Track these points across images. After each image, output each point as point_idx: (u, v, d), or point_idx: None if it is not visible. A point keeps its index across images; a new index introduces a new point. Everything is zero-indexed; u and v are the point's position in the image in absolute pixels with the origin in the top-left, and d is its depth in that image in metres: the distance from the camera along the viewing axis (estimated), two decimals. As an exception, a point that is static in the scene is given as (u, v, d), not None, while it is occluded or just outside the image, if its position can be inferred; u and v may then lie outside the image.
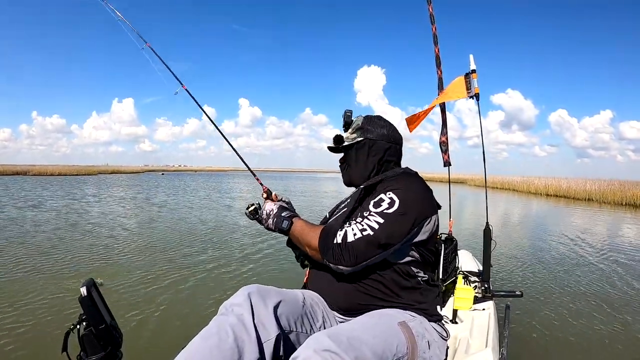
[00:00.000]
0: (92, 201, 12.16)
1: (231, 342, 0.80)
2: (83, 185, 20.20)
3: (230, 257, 5.59)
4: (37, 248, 5.61)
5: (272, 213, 1.16)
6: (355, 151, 1.19)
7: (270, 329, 0.86)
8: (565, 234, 6.22)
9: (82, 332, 0.85)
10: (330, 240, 1.00)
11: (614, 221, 9.36)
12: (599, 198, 15.53)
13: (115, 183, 23.45)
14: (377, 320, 0.93)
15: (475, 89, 2.83)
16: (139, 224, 7.86)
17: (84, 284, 0.85)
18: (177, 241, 7.06)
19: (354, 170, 1.20)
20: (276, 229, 1.15)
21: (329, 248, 0.99)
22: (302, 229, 1.11)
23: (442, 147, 2.95)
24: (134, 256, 5.81)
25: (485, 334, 1.37)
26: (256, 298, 0.90)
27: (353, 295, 1.04)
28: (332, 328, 0.89)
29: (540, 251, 4.59)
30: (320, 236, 1.03)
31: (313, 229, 1.09)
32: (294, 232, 1.12)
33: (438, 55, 1.95)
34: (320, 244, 1.02)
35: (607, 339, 2.12)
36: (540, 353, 2.03)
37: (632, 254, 4.20)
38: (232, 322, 0.84)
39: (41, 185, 19.49)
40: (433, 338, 1.01)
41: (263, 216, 1.18)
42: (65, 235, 6.54)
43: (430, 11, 1.45)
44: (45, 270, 5.30)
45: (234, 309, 0.87)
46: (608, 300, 2.74)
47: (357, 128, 1.20)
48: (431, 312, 1.08)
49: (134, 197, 14.05)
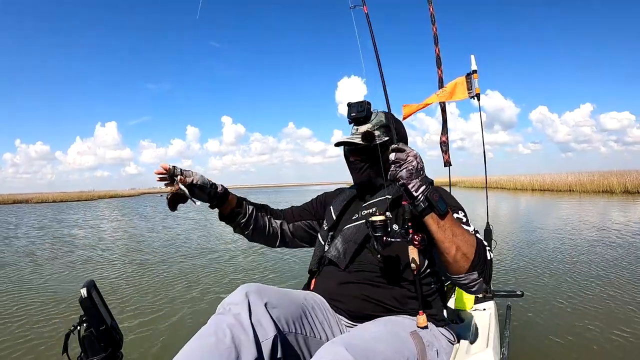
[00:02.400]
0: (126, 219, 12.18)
1: (228, 341, 0.78)
2: (96, 209, 20.29)
3: (231, 258, 5.59)
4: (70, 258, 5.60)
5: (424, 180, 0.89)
6: (378, 152, 1.08)
7: (268, 329, 0.84)
8: (560, 228, 6.24)
9: (83, 334, 0.85)
10: (486, 253, 0.92)
11: (595, 207, 10.55)
12: (579, 189, 18.24)
13: (127, 206, 22.94)
14: (390, 330, 0.91)
15: (476, 89, 2.83)
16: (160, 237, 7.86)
17: (84, 285, 0.84)
18: (182, 245, 7.05)
19: (376, 171, 1.10)
20: (424, 202, 0.86)
21: (485, 264, 0.90)
22: (453, 222, 0.90)
23: (443, 147, 2.95)
24: (136, 258, 5.83)
25: (486, 335, 1.36)
26: (254, 297, 0.88)
27: (366, 301, 1.03)
28: (346, 337, 0.85)
29: (539, 250, 4.59)
30: (478, 243, 0.90)
31: (462, 226, 0.92)
32: (448, 219, 0.88)
33: (438, 55, 1.95)
34: (479, 251, 0.89)
35: (609, 339, 2.12)
36: (541, 353, 2.03)
37: (627, 246, 4.22)
38: (229, 322, 0.82)
39: (60, 210, 20.13)
40: (442, 345, 1.00)
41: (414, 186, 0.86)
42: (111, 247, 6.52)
43: (431, 11, 1.44)
44: (49, 274, 5.30)
45: (231, 308, 0.85)
46: (609, 300, 2.74)
47: (381, 125, 1.13)
48: (439, 317, 1.07)
49: (157, 214, 14.32)
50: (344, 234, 1.14)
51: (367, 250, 1.09)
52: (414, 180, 0.86)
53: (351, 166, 1.18)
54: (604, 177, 17.78)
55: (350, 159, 1.18)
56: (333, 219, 1.22)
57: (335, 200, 1.29)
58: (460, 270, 0.89)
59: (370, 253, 1.08)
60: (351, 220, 1.16)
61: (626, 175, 16.82)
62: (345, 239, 1.12)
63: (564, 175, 20.88)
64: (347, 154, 1.19)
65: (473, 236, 0.91)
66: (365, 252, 1.09)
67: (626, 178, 16.34)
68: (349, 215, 1.20)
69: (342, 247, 1.11)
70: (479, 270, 0.89)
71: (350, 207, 1.24)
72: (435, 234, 0.87)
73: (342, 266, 1.08)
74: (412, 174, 0.86)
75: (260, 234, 1.27)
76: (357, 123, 1.14)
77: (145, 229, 10.15)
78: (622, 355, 1.96)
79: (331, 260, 1.12)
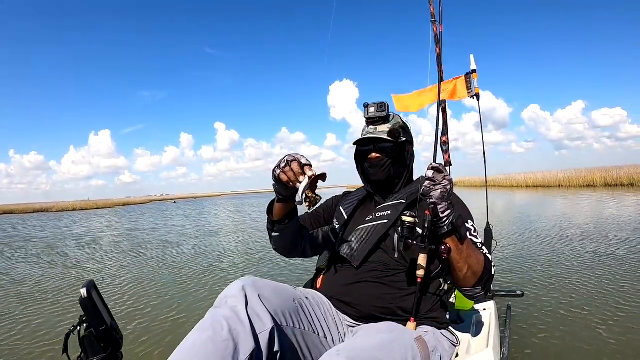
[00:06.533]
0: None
1: (225, 334, 0.77)
2: (137, 214, 20.48)
3: (231, 257, 5.59)
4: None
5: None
6: (399, 151, 1.15)
7: (265, 321, 0.83)
8: (558, 225, 6.26)
9: (83, 334, 0.84)
10: (491, 269, 1.00)
11: (584, 201, 11.64)
12: (566, 184, 21.07)
13: (148, 212, 22.46)
14: (395, 337, 0.90)
15: (476, 89, 2.83)
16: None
17: (84, 286, 0.84)
18: (185, 246, 7.05)
19: (396, 170, 1.16)
20: (448, 226, 0.92)
21: (489, 280, 0.99)
22: (469, 245, 0.97)
23: (443, 147, 2.95)
24: (136, 258, 5.82)
25: (486, 334, 1.36)
26: (251, 290, 0.87)
27: (374, 300, 1.03)
28: (348, 347, 0.84)
29: (539, 249, 4.59)
30: (486, 261, 0.99)
31: (475, 248, 0.99)
32: (466, 243, 0.95)
33: (439, 55, 1.94)
34: (487, 269, 0.99)
35: (609, 339, 2.12)
36: (541, 353, 2.03)
37: (625, 242, 4.22)
38: (225, 314, 0.81)
39: (95, 216, 20.89)
40: (445, 348, 1.00)
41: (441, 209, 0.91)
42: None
43: (432, 11, 1.44)
44: (49, 274, 5.29)
45: (227, 301, 0.85)
46: (609, 299, 2.74)
47: (400, 126, 1.16)
48: (442, 320, 1.07)
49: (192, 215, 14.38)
50: (357, 234, 1.14)
51: (382, 251, 1.09)
52: (444, 203, 0.91)
53: (372, 164, 1.17)
54: (590, 173, 20.53)
55: (371, 157, 1.17)
56: (344, 218, 1.23)
57: (345, 201, 1.30)
58: (467, 285, 0.98)
59: (384, 253, 1.09)
60: (365, 221, 1.17)
61: (609, 171, 19.58)
62: (359, 239, 1.13)
63: (554, 173, 23.88)
64: (365, 153, 1.19)
65: (482, 255, 0.99)
66: (379, 252, 1.09)
67: (607, 174, 19.20)
68: (362, 216, 1.20)
69: (356, 246, 1.12)
70: (482, 285, 0.98)
71: (362, 209, 1.24)
72: (452, 253, 0.94)
73: (356, 264, 1.09)
74: (444, 197, 0.90)
75: (291, 242, 1.21)
76: (375, 123, 1.15)
77: (146, 229, 10.14)
78: (622, 355, 1.96)
79: (343, 259, 1.12)
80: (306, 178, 0.90)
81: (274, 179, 0.96)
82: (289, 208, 1.06)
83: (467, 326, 1.44)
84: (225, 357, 0.74)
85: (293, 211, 1.09)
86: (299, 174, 0.92)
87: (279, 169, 0.94)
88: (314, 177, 0.91)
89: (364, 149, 1.19)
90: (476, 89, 2.82)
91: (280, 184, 0.96)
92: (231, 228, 9.87)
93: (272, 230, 1.13)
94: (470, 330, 1.39)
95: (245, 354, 0.77)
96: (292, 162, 0.92)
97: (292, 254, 1.24)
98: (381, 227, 1.11)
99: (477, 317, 1.55)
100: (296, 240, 1.18)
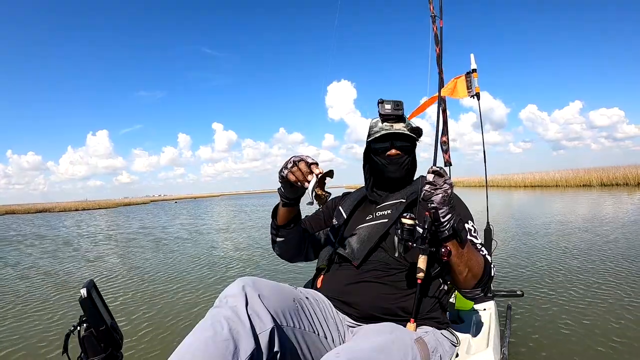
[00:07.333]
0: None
1: (226, 333, 0.77)
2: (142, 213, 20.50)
3: (230, 257, 5.59)
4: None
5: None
6: (412, 150, 1.17)
7: (265, 320, 0.83)
8: (559, 225, 6.25)
9: (83, 334, 0.84)
10: (491, 271, 1.02)
11: (581, 199, 12.13)
12: (563, 183, 22.01)
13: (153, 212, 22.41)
14: (394, 338, 0.90)
15: (476, 89, 2.83)
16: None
17: (84, 285, 0.84)
18: (188, 245, 7.06)
19: (411, 168, 1.19)
20: (449, 230, 0.92)
21: (488, 281, 1.02)
22: (470, 248, 0.98)
23: (443, 147, 2.95)
24: (136, 258, 5.82)
25: (487, 334, 1.36)
26: (251, 289, 0.87)
27: (374, 300, 1.03)
28: (348, 349, 0.84)
29: (539, 249, 4.59)
30: (485, 263, 1.00)
31: (475, 250, 1.01)
32: (467, 246, 0.95)
33: (439, 55, 1.93)
34: (486, 271, 1.01)
35: (609, 339, 2.12)
36: (541, 353, 2.03)
37: (625, 242, 4.21)
38: (225, 314, 0.81)
39: (109, 215, 21.46)
40: (445, 349, 1.00)
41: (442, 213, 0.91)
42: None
43: (432, 11, 1.44)
44: (49, 274, 5.29)
45: (228, 301, 0.85)
46: (609, 299, 2.74)
47: (413, 128, 1.17)
48: (442, 320, 1.07)
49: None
50: (357, 234, 1.14)
51: (382, 250, 1.09)
52: (445, 207, 0.91)
53: (392, 160, 1.16)
54: (587, 173, 21.55)
55: (390, 154, 1.16)
56: (344, 217, 1.23)
57: (344, 201, 1.30)
58: (467, 286, 1.00)
59: (385, 252, 1.08)
60: (365, 221, 1.17)
61: (605, 171, 20.41)
62: (360, 238, 1.12)
63: (551, 173, 25.00)
64: (382, 149, 1.17)
65: (482, 257, 1.00)
66: (379, 252, 1.09)
67: (603, 174, 19.94)
68: (362, 216, 1.20)
69: (356, 245, 1.11)
70: (482, 286, 1.00)
71: (362, 208, 1.24)
72: (452, 257, 0.94)
73: (356, 263, 1.08)
74: (445, 201, 0.90)
75: (296, 247, 1.22)
76: (391, 120, 1.14)
77: (146, 230, 10.15)
78: (622, 355, 1.95)
79: (344, 258, 1.12)
80: (314, 176, 0.91)
81: (281, 180, 0.97)
82: (294, 212, 1.07)
83: (467, 326, 1.44)
84: (225, 357, 0.74)
85: (298, 215, 1.10)
86: (307, 173, 0.92)
87: (286, 169, 0.94)
88: (321, 175, 0.91)
89: (382, 146, 1.16)
90: (476, 89, 2.81)
91: (287, 184, 0.96)
92: (234, 227, 9.89)
93: (277, 235, 1.13)
94: (471, 330, 1.39)
95: (245, 353, 0.76)
96: (299, 162, 0.93)
97: (296, 258, 1.25)
98: (381, 226, 1.11)
99: (477, 317, 1.55)
100: (300, 244, 1.19)
